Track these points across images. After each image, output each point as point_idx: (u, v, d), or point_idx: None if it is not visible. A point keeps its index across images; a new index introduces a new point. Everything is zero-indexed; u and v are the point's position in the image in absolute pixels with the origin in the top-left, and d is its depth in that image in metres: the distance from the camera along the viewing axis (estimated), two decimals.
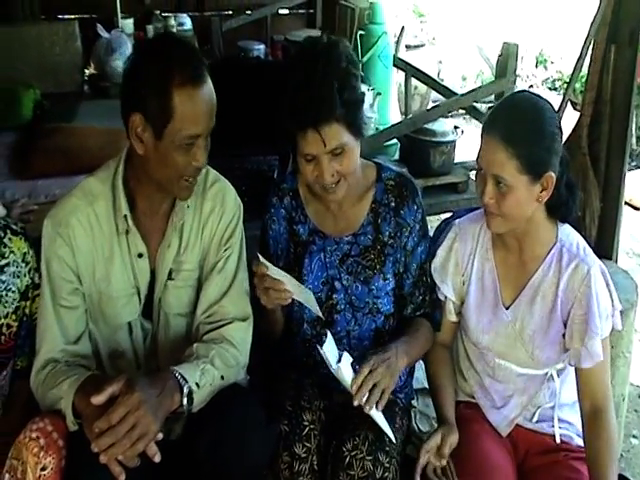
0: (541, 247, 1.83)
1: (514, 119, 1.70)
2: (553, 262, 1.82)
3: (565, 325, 1.82)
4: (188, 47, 1.71)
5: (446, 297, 1.98)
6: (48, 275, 1.77)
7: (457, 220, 1.98)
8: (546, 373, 1.88)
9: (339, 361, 1.72)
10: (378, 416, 1.77)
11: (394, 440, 1.80)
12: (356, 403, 1.72)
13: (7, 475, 1.59)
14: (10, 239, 1.82)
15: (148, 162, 1.70)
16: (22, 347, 1.89)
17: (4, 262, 1.81)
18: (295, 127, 1.75)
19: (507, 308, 1.88)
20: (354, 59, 1.81)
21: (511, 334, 1.87)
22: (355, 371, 1.74)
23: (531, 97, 1.78)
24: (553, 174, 1.71)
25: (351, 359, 1.77)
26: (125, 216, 1.76)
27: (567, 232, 1.84)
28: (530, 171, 1.68)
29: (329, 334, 1.78)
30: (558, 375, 1.89)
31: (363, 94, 1.82)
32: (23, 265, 1.84)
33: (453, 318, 2.01)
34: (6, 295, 1.82)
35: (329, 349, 1.73)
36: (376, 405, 1.73)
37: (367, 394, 1.72)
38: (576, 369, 1.83)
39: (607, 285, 1.80)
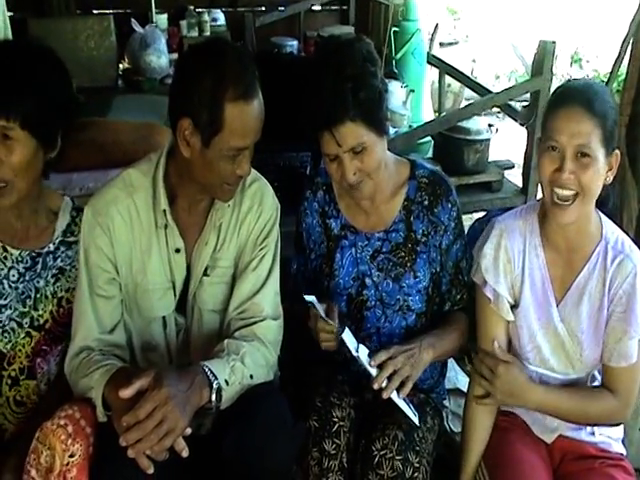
0: (589, 244, 1.78)
1: (589, 94, 1.69)
2: (599, 260, 1.77)
3: None
4: (243, 59, 1.67)
5: (499, 296, 1.84)
6: (86, 263, 1.78)
7: (497, 218, 1.89)
8: (588, 374, 1.84)
9: (357, 350, 1.78)
10: (400, 401, 1.77)
11: (417, 424, 1.80)
12: (376, 386, 1.73)
13: (32, 455, 1.59)
14: (82, 219, 1.84)
15: (193, 165, 1.70)
16: None
17: (73, 239, 1.88)
18: (311, 129, 1.76)
19: (556, 306, 1.82)
20: (373, 56, 1.78)
21: (560, 334, 1.81)
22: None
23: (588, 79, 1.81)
24: (619, 152, 1.71)
25: (367, 351, 1.80)
26: (164, 211, 1.76)
27: (612, 229, 1.80)
28: (607, 144, 1.67)
29: (347, 328, 1.82)
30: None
31: (383, 91, 1.78)
32: None
33: (510, 317, 1.86)
34: (70, 270, 1.87)
35: (348, 338, 1.79)
36: (397, 392, 1.75)
37: (386, 380, 1.73)
38: (604, 367, 1.79)
39: None
